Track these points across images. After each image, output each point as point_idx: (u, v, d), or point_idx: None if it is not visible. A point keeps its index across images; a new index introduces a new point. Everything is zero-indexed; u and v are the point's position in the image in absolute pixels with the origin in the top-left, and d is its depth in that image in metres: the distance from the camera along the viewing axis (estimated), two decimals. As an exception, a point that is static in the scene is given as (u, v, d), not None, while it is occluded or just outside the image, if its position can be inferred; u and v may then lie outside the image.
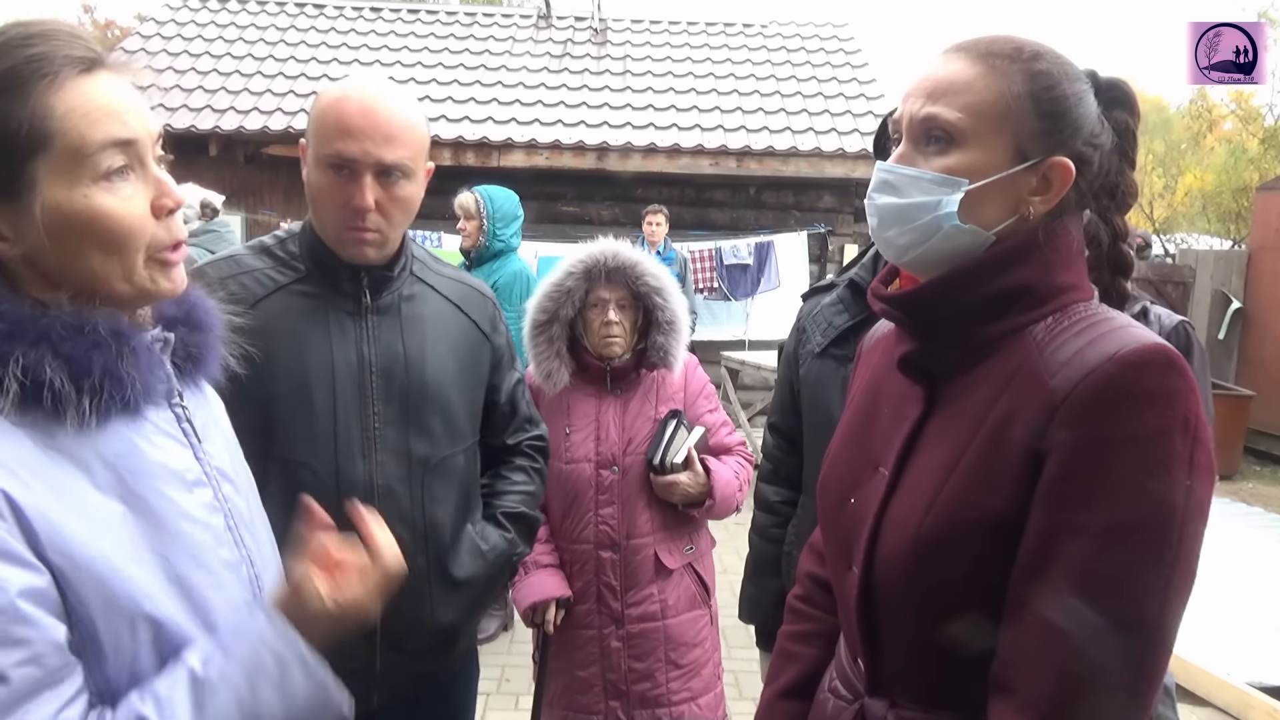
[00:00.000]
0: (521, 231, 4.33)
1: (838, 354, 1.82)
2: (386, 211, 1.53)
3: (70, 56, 0.87)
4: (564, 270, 2.31)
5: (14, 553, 0.79)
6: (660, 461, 2.29)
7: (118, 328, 0.91)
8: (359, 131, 1.47)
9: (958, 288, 1.04)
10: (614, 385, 2.37)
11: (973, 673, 1.00)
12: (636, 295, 2.32)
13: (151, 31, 9.98)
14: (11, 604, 0.78)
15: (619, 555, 2.31)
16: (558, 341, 2.31)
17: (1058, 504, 0.93)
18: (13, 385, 0.83)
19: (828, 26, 11.24)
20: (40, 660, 0.80)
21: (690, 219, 8.83)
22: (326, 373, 1.56)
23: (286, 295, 1.58)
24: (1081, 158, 1.04)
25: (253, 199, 8.78)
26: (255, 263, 1.61)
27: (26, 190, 0.85)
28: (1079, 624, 0.91)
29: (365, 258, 1.57)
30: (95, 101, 0.87)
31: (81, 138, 0.86)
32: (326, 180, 1.51)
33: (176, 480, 0.96)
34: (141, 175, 0.92)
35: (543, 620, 2.29)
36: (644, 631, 2.32)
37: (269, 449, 1.50)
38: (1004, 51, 1.04)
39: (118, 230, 0.88)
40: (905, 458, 1.08)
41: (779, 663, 1.38)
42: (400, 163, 1.51)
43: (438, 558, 1.65)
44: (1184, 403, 0.91)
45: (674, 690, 2.33)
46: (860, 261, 1.91)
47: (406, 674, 1.64)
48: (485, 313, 1.78)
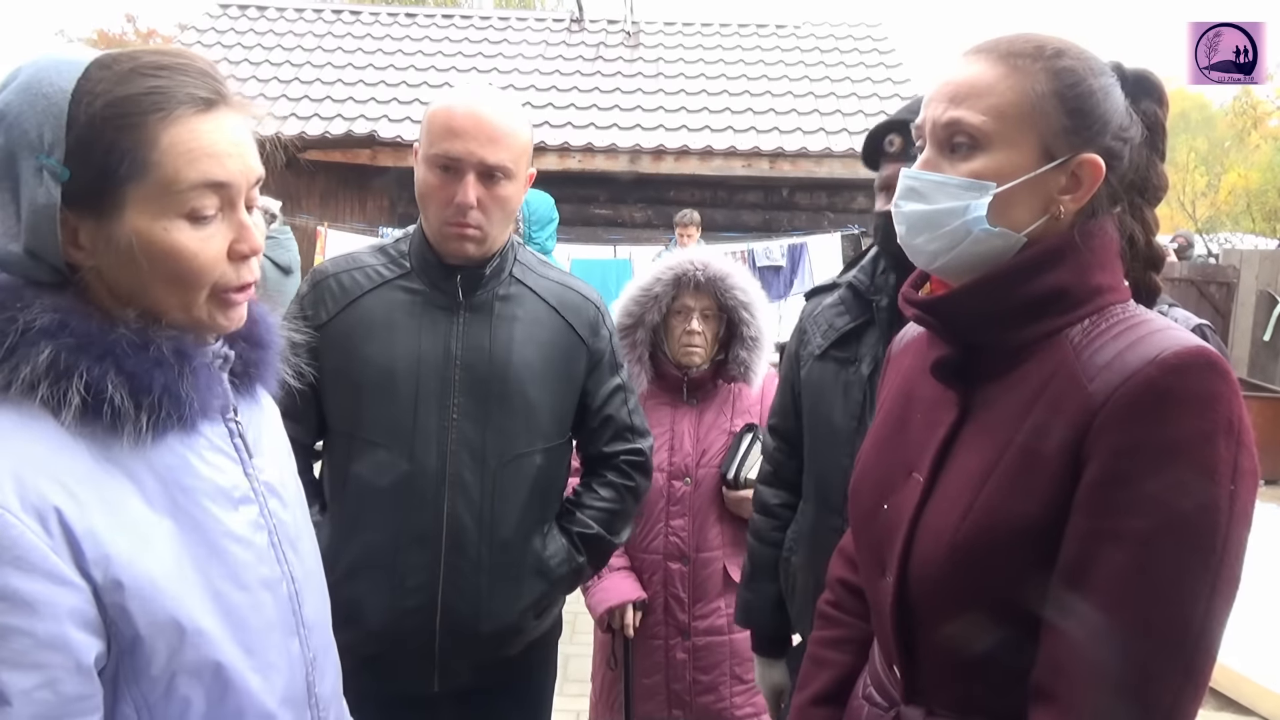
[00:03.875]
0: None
1: (838, 356, 1.77)
2: (487, 209, 1.61)
3: (192, 95, 0.90)
4: (653, 275, 2.31)
5: (56, 571, 0.81)
6: (734, 476, 2.27)
7: (181, 347, 0.93)
8: (464, 133, 1.57)
9: (991, 292, 1.03)
10: (690, 395, 2.37)
11: (1011, 681, 0.99)
12: (723, 307, 2.31)
13: (192, 40, 10.17)
14: (41, 626, 0.79)
15: (688, 567, 2.30)
16: (640, 347, 2.31)
17: (1099, 510, 0.92)
18: (75, 398, 0.85)
19: (861, 26, 11.18)
20: (57, 685, 0.80)
21: (723, 221, 8.82)
22: (412, 363, 1.65)
23: (389, 289, 1.69)
24: (1111, 153, 1.02)
25: (291, 204, 8.88)
26: (369, 260, 1.74)
27: (114, 210, 0.88)
28: (1121, 632, 0.89)
29: (465, 253, 1.64)
30: (199, 141, 0.90)
31: (176, 174, 0.88)
32: (433, 179, 1.60)
33: (224, 498, 0.97)
34: (228, 217, 0.94)
35: (620, 625, 2.29)
36: (710, 645, 2.30)
37: (356, 429, 1.66)
38: (1025, 50, 1.02)
39: (187, 268, 0.91)
40: (940, 464, 1.07)
41: (810, 669, 1.37)
42: (502, 164, 1.59)
43: (499, 553, 1.68)
44: (1227, 406, 0.89)
45: (738, 705, 2.31)
46: (859, 263, 1.86)
47: (466, 661, 1.69)
48: (584, 316, 1.79)
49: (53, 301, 0.88)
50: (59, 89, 0.86)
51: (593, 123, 8.95)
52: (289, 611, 1.04)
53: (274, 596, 1.01)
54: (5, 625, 0.78)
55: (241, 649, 0.95)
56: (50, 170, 0.85)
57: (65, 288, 0.90)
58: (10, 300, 0.87)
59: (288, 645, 1.02)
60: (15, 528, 0.79)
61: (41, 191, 0.85)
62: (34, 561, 0.79)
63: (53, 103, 0.85)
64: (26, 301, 0.87)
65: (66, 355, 0.86)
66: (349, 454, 1.67)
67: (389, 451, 1.63)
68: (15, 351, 0.85)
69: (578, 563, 1.81)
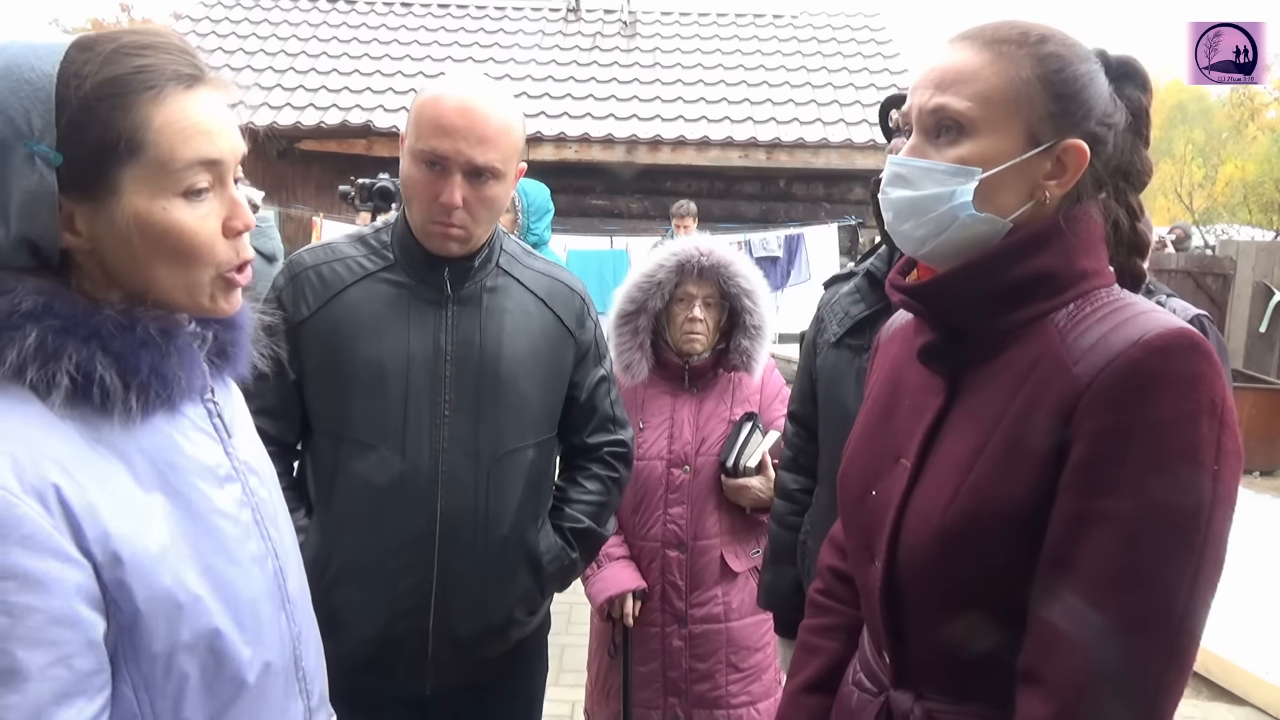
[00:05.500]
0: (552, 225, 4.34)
1: (853, 344, 1.81)
2: (473, 210, 1.56)
3: (177, 72, 0.90)
4: (655, 262, 2.30)
5: (59, 549, 0.81)
6: (733, 464, 2.27)
7: (166, 327, 0.93)
8: (454, 131, 1.51)
9: (977, 277, 1.03)
10: (691, 383, 2.37)
11: (999, 664, 0.99)
12: (725, 295, 2.31)
13: (186, 29, 10.12)
14: (51, 603, 0.80)
15: (685, 555, 2.30)
16: (642, 334, 2.30)
17: (1083, 492, 0.92)
18: (64, 380, 0.85)
19: (859, 16, 11.15)
20: (71, 661, 0.81)
21: (719, 211, 8.81)
22: (401, 359, 1.60)
23: (373, 282, 1.64)
24: (1096, 138, 1.02)
25: (286, 194, 8.88)
26: (349, 251, 1.68)
27: (110, 193, 0.87)
28: (1106, 614, 0.90)
29: (449, 251, 1.61)
30: (191, 119, 0.90)
31: (172, 152, 0.88)
32: (419, 174, 1.55)
33: (210, 475, 0.98)
34: (220, 194, 0.94)
35: (620, 614, 2.29)
36: (706, 633, 2.31)
37: (343, 429, 1.61)
38: (1010, 37, 1.03)
39: (188, 245, 0.91)
40: (927, 449, 1.07)
41: (801, 656, 1.37)
42: (491, 165, 1.54)
43: (495, 550, 1.66)
44: (1210, 387, 0.89)
45: (733, 693, 2.32)
46: (877, 252, 1.89)
47: (460, 662, 1.67)
48: (572, 307, 1.78)
49: (35, 285, 0.87)
50: (42, 73, 0.85)
51: (589, 113, 8.93)
52: (275, 586, 1.04)
53: (261, 571, 1.02)
54: (17, 603, 0.78)
55: (234, 622, 0.95)
56: (42, 156, 0.84)
57: (44, 272, 0.89)
58: None
59: (276, 619, 1.03)
60: (19, 507, 0.79)
61: (35, 178, 0.84)
62: (40, 540, 0.80)
63: (37, 88, 0.84)
64: (8, 286, 0.86)
65: (53, 338, 0.85)
66: (336, 454, 1.62)
67: (379, 451, 1.59)
68: (0, 335, 0.84)
69: (571, 558, 1.80)
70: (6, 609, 0.77)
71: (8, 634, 0.77)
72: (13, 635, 0.77)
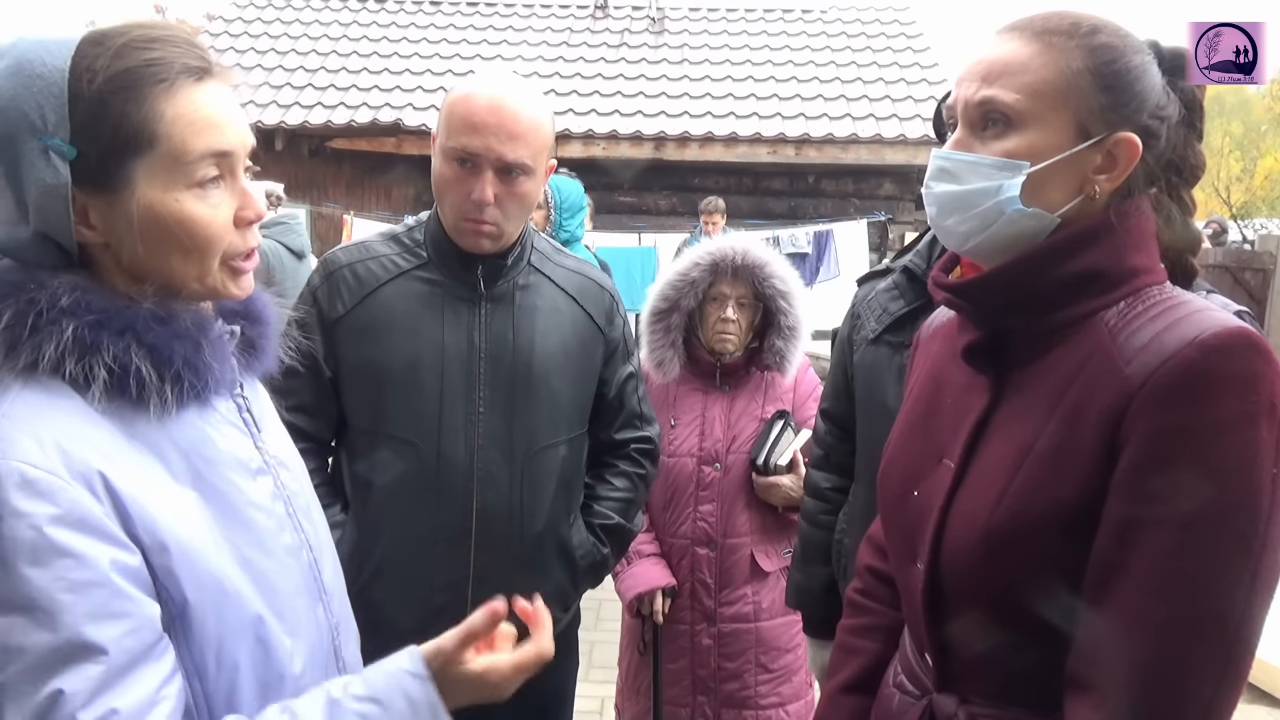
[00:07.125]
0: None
1: (892, 340, 1.79)
2: (504, 206, 1.58)
3: (186, 65, 0.90)
4: (690, 260, 2.30)
5: (111, 533, 0.82)
6: (764, 462, 2.27)
7: (199, 320, 0.95)
8: (484, 128, 1.53)
9: (1024, 274, 1.01)
10: (723, 381, 2.36)
11: (1046, 668, 0.97)
12: (759, 295, 2.30)
13: (220, 29, 10.25)
14: (110, 579, 0.81)
15: (715, 553, 2.30)
16: (675, 331, 2.31)
17: (1136, 495, 0.90)
18: (101, 373, 0.86)
19: (888, 10, 11.06)
20: (139, 633, 0.83)
21: (748, 208, 8.78)
22: (436, 356, 1.62)
23: (407, 280, 1.65)
24: (1148, 131, 1.00)
25: (317, 192, 8.96)
26: (382, 249, 1.69)
27: (123, 186, 0.88)
28: (1158, 620, 0.88)
29: (480, 248, 1.62)
30: (201, 111, 0.90)
31: (184, 145, 0.89)
32: (450, 172, 1.57)
33: (242, 469, 0.99)
34: (230, 185, 0.95)
35: (650, 611, 2.29)
36: (736, 632, 2.30)
37: (379, 425, 1.63)
38: (1060, 28, 1.00)
39: (201, 236, 0.92)
40: (972, 450, 1.05)
41: (839, 657, 1.36)
42: (521, 161, 1.55)
43: (530, 546, 1.67)
44: (1269, 387, 0.87)
45: (763, 694, 2.31)
46: (915, 248, 1.87)
47: None
48: (601, 305, 1.79)
49: (69, 281, 0.88)
50: (54, 68, 0.85)
51: (617, 110, 8.93)
52: (311, 578, 1.06)
53: (297, 563, 1.03)
54: (78, 580, 0.79)
55: (274, 614, 0.96)
56: (57, 150, 0.85)
57: (75, 268, 0.90)
58: (26, 282, 0.87)
59: (314, 611, 1.04)
60: (70, 490, 0.81)
61: (49, 172, 0.85)
62: (92, 523, 0.81)
63: (50, 82, 0.85)
64: (42, 282, 0.87)
65: (89, 331, 0.87)
66: (372, 451, 1.64)
67: (416, 447, 1.61)
68: (39, 330, 0.86)
69: (602, 553, 1.81)
70: (70, 586, 0.79)
71: (74, 610, 0.79)
72: (79, 611, 0.79)
